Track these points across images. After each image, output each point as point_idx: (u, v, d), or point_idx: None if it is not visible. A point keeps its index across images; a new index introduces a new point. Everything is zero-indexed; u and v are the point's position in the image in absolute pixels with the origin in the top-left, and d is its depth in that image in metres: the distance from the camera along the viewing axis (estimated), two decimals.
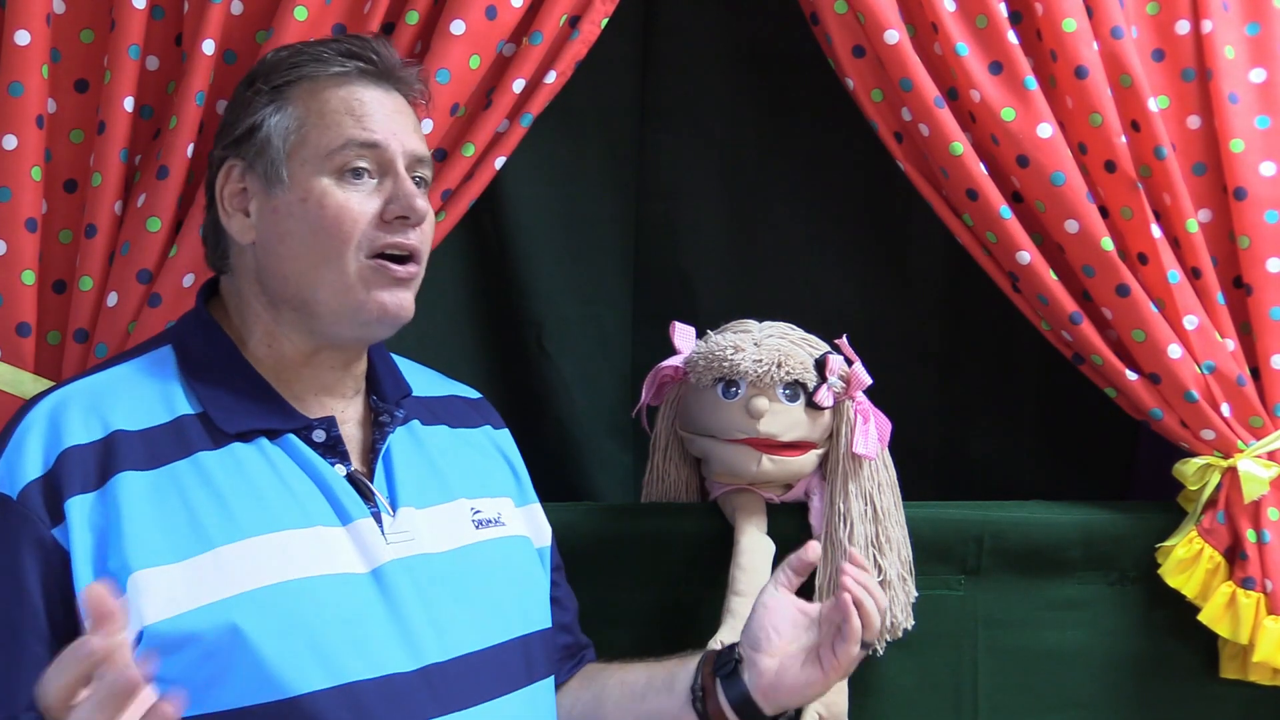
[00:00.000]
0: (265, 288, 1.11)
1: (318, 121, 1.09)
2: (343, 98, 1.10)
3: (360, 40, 1.15)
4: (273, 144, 1.09)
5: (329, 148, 1.08)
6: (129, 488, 1.00)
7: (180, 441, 1.04)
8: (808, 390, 1.47)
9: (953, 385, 1.90)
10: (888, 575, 1.47)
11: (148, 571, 0.97)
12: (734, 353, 1.46)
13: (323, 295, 1.08)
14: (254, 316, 1.12)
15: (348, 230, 1.07)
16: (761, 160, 1.85)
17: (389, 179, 1.10)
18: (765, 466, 1.48)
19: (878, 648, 1.49)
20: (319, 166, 1.08)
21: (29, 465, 0.99)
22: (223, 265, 1.15)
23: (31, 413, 1.04)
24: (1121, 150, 1.54)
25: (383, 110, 1.12)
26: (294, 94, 1.11)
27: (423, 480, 1.15)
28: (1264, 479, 1.57)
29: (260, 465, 1.06)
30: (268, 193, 1.09)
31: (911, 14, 1.56)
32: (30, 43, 1.33)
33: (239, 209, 1.11)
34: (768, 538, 1.50)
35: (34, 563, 0.97)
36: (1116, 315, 1.57)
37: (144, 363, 1.10)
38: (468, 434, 1.26)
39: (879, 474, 1.50)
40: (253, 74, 1.15)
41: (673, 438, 1.59)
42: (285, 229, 1.08)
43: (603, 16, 1.51)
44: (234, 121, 1.12)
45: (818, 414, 1.48)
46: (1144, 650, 1.64)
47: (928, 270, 1.87)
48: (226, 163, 1.12)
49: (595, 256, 1.83)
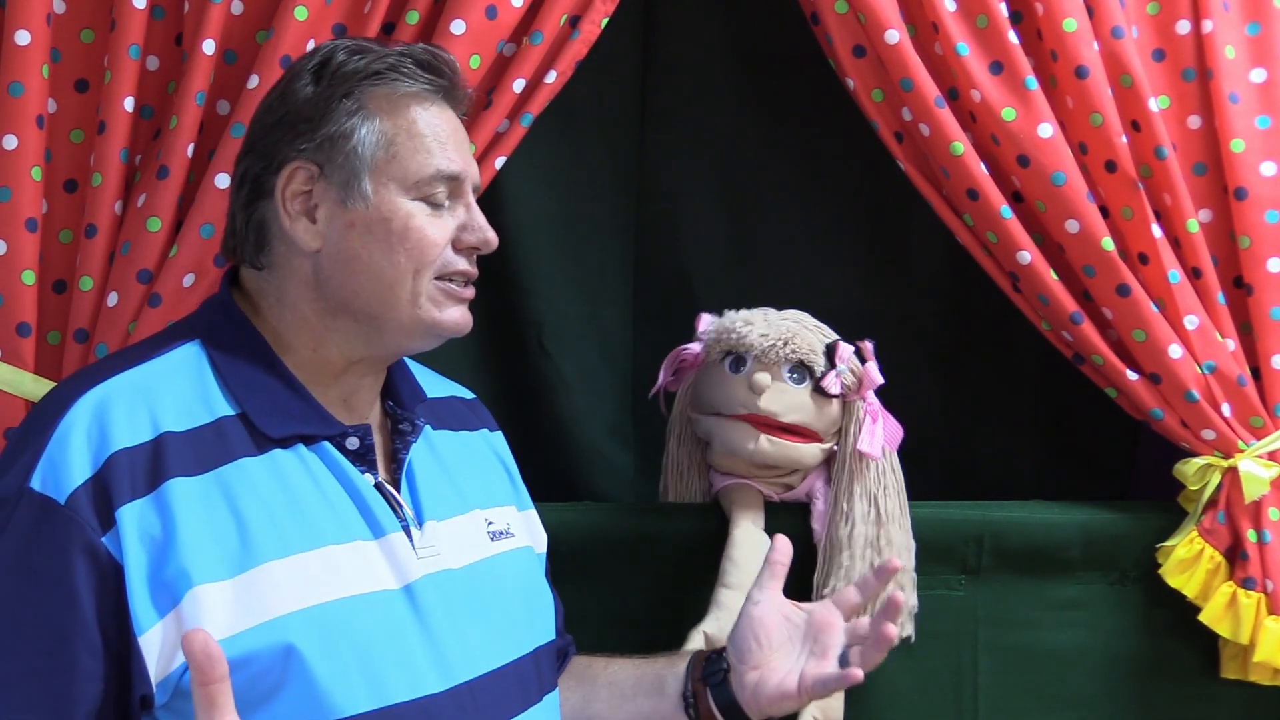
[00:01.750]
0: (325, 295, 1.08)
1: (408, 142, 1.07)
2: (429, 121, 1.09)
3: (433, 52, 1.12)
4: (359, 157, 1.06)
5: (419, 175, 1.07)
6: (181, 495, 0.97)
7: (223, 445, 1.01)
8: (814, 374, 1.47)
9: (953, 385, 1.90)
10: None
11: (205, 588, 0.95)
12: (744, 326, 1.48)
13: (395, 312, 1.07)
14: (299, 320, 1.09)
15: (429, 253, 1.07)
16: (761, 160, 1.85)
17: (460, 205, 1.10)
18: (762, 445, 1.47)
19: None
20: (405, 189, 1.07)
21: (75, 467, 0.95)
22: (257, 261, 1.10)
23: (74, 408, 0.99)
24: (1122, 150, 1.54)
25: (457, 135, 1.11)
26: (377, 105, 1.07)
27: (442, 491, 1.14)
28: (1264, 479, 1.57)
29: (300, 474, 1.04)
30: (344, 205, 1.06)
31: (912, 14, 1.56)
32: (30, 43, 1.33)
33: (303, 213, 1.07)
34: (762, 533, 1.50)
35: (85, 571, 0.94)
36: (1117, 315, 1.57)
37: (176, 359, 1.06)
38: (469, 438, 1.26)
39: (885, 477, 1.50)
40: (316, 69, 1.09)
41: (687, 423, 1.59)
42: (361, 245, 1.06)
43: (603, 16, 1.51)
44: (304, 121, 1.07)
45: (824, 402, 1.48)
46: (1144, 650, 1.64)
47: (928, 270, 1.87)
48: (291, 164, 1.07)
49: (595, 256, 1.83)
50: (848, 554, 1.47)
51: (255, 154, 1.09)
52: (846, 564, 1.46)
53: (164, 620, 0.95)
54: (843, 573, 1.46)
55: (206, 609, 0.95)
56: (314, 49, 1.12)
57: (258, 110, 1.12)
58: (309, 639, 0.97)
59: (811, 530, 1.53)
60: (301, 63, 1.11)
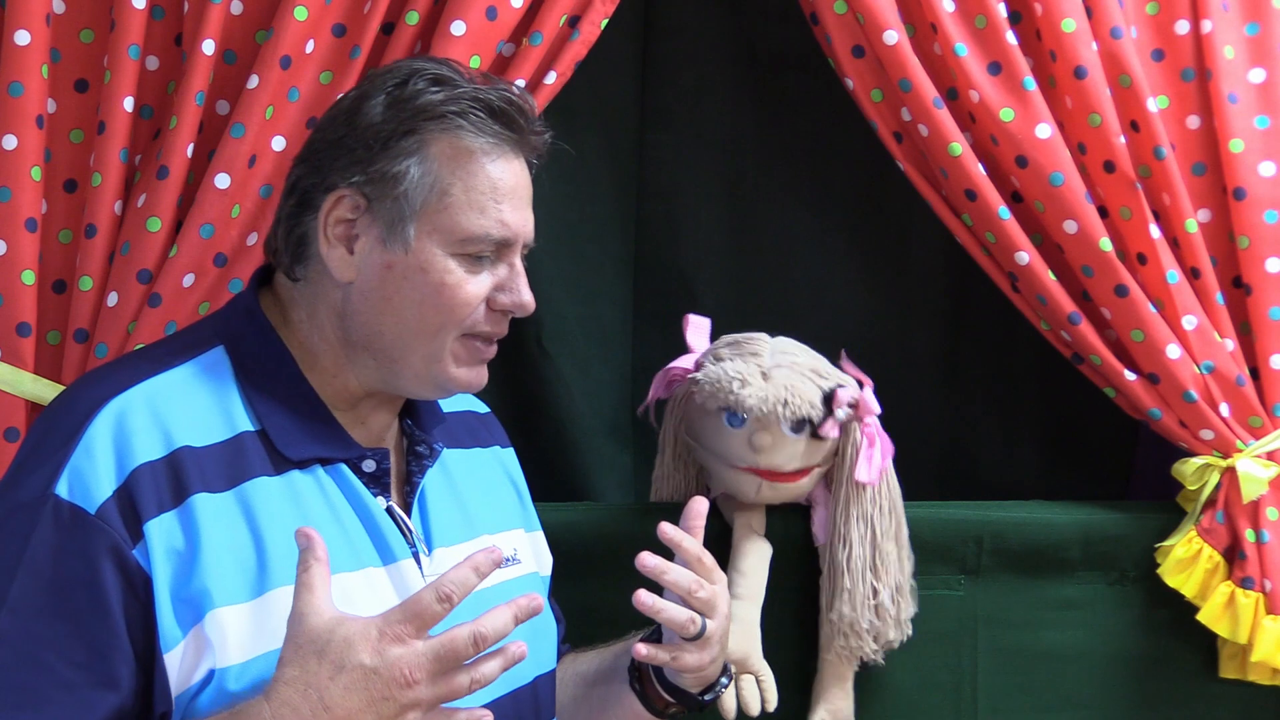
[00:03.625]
0: (348, 327, 1.06)
1: (462, 196, 1.03)
2: (490, 177, 1.04)
3: (510, 99, 1.07)
4: (408, 201, 1.03)
5: (466, 233, 1.03)
6: (205, 511, 0.97)
7: (242, 462, 1.00)
8: (813, 424, 1.46)
9: (953, 385, 1.90)
10: (880, 598, 1.47)
11: (225, 610, 0.95)
12: (740, 386, 1.43)
13: (412, 360, 1.06)
14: (324, 342, 1.07)
15: (460, 312, 1.05)
16: (761, 160, 1.85)
17: (504, 264, 1.07)
18: (765, 493, 1.49)
19: (877, 660, 1.50)
20: (448, 243, 1.03)
21: (103, 478, 0.95)
22: (293, 272, 1.08)
23: (99, 417, 0.97)
24: (1121, 150, 1.54)
25: (519, 194, 1.07)
26: (439, 150, 1.03)
27: (452, 517, 1.13)
28: (1263, 479, 1.57)
29: (316, 497, 1.03)
30: (384, 245, 1.03)
31: (911, 14, 1.56)
32: (30, 43, 1.33)
33: (341, 240, 1.04)
34: (765, 541, 1.51)
35: (116, 582, 0.93)
36: (1115, 315, 1.57)
37: (199, 367, 1.04)
38: (481, 455, 1.25)
39: (881, 496, 1.50)
40: (393, 92, 1.04)
41: (679, 437, 1.59)
42: (394, 290, 1.04)
43: (603, 17, 1.51)
44: (362, 148, 1.03)
45: (821, 443, 1.48)
46: (1144, 650, 1.65)
47: (928, 270, 1.87)
48: (339, 189, 1.03)
49: (595, 256, 1.83)
50: (847, 577, 1.48)
51: (310, 165, 1.06)
52: (848, 586, 1.48)
53: (185, 639, 0.95)
54: (846, 595, 1.48)
55: (226, 632, 0.95)
56: (398, 65, 1.09)
57: (326, 116, 1.09)
58: None
59: (811, 531, 1.53)
60: (380, 79, 1.06)
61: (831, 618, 1.48)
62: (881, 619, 1.48)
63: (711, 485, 1.58)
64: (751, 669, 1.44)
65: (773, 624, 1.49)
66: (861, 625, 1.47)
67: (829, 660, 1.52)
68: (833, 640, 1.49)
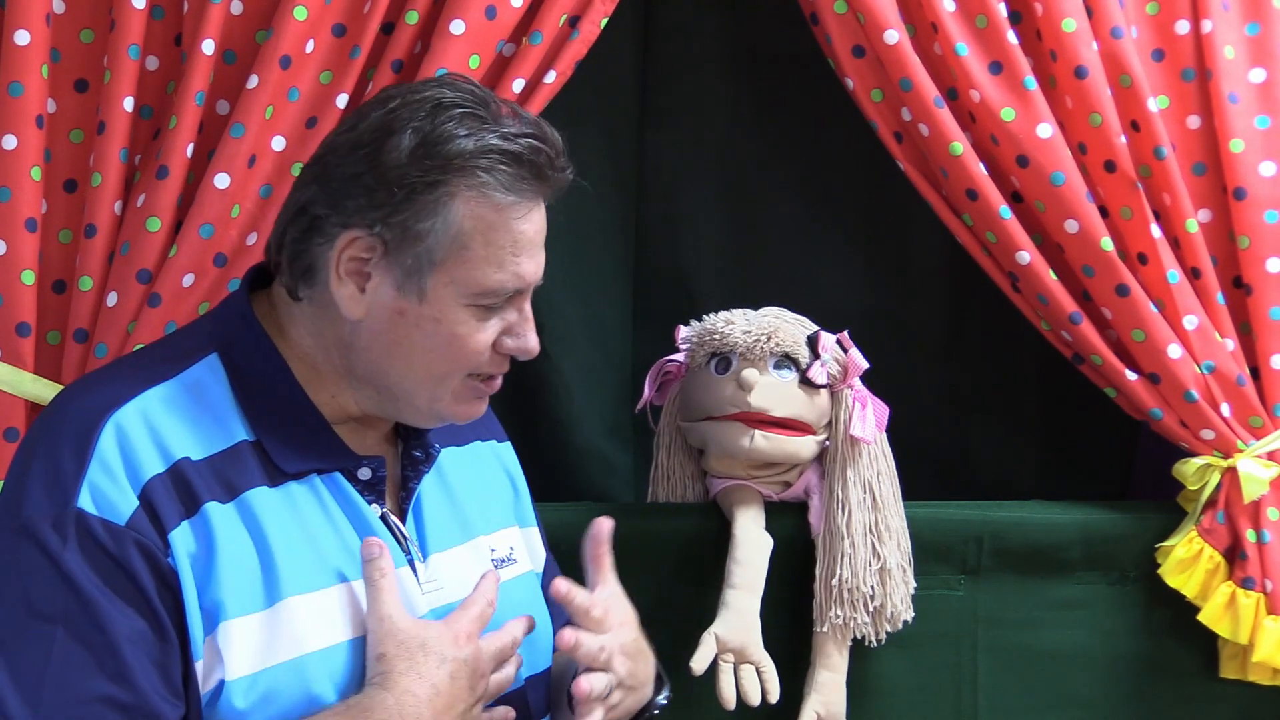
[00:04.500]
0: (353, 361, 1.05)
1: (482, 251, 1.01)
2: (513, 233, 1.03)
3: (538, 145, 1.04)
4: (427, 251, 1.00)
5: (483, 288, 1.02)
6: (217, 521, 0.97)
7: (241, 473, 1.00)
8: (800, 366, 1.47)
9: (953, 385, 1.90)
10: (887, 564, 1.47)
11: (235, 622, 0.96)
12: (725, 325, 1.49)
13: (415, 400, 1.06)
14: (328, 366, 1.06)
15: (470, 361, 1.05)
16: (761, 160, 1.85)
17: (514, 309, 1.06)
18: (758, 442, 1.47)
19: (879, 639, 1.49)
20: (463, 294, 1.02)
21: (125, 491, 0.95)
22: (296, 291, 1.06)
23: (103, 432, 0.96)
24: (1121, 150, 1.54)
25: (535, 241, 1.06)
26: (463, 203, 1.00)
27: (446, 521, 1.13)
28: (1264, 479, 1.57)
29: (314, 508, 1.03)
30: (398, 291, 1.02)
31: (911, 14, 1.56)
32: (30, 43, 1.33)
33: (353, 277, 1.02)
34: (765, 533, 1.50)
35: (159, 590, 0.94)
36: (1116, 315, 1.57)
37: (193, 378, 1.03)
38: (477, 450, 1.25)
39: (878, 463, 1.51)
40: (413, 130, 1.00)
41: (676, 433, 1.60)
42: (404, 335, 1.03)
43: (603, 16, 1.51)
44: (383, 192, 0.99)
45: (812, 393, 1.48)
46: (1144, 650, 1.65)
47: (928, 270, 1.87)
48: (357, 229, 1.00)
49: (595, 256, 1.83)
50: (847, 541, 1.47)
51: (325, 191, 1.02)
52: (848, 551, 1.47)
53: (205, 646, 0.96)
54: (845, 560, 1.47)
55: (234, 644, 0.95)
56: (427, 91, 1.03)
57: (342, 139, 1.03)
58: (326, 680, 0.98)
59: (810, 528, 1.53)
60: (408, 110, 1.01)
61: (832, 584, 1.47)
62: (885, 587, 1.47)
63: (709, 472, 1.58)
64: (751, 659, 1.44)
65: (772, 624, 1.48)
66: (864, 590, 1.46)
67: (822, 639, 1.50)
68: (826, 611, 1.48)
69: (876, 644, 1.51)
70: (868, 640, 1.50)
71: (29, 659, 0.91)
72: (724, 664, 1.43)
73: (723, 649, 1.43)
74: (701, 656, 1.41)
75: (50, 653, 0.91)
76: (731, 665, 1.43)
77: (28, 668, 0.91)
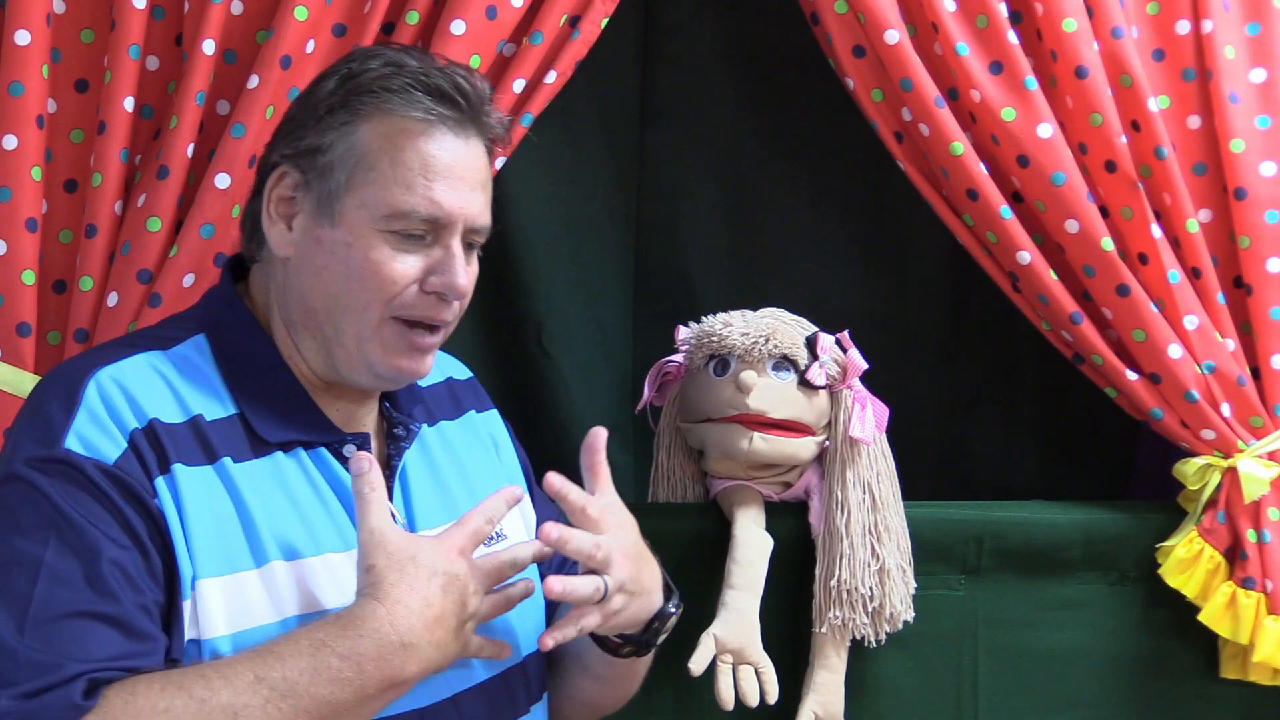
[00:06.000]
0: (287, 306, 1.07)
1: (388, 171, 1.03)
2: (420, 151, 1.03)
3: (453, 76, 1.06)
4: (334, 174, 1.03)
5: (391, 209, 1.03)
6: (185, 482, 0.98)
7: (220, 442, 1.01)
8: (799, 367, 1.47)
9: (953, 385, 1.90)
10: (886, 565, 1.47)
11: (210, 581, 0.96)
12: (724, 327, 1.49)
13: (343, 339, 1.06)
14: (277, 324, 1.09)
15: (386, 290, 1.04)
16: (761, 160, 1.85)
17: (440, 246, 1.06)
18: (756, 444, 1.47)
19: (878, 639, 1.49)
20: (374, 219, 1.03)
21: (111, 436, 0.96)
22: (252, 253, 1.11)
23: (88, 387, 0.98)
24: (1121, 150, 1.54)
25: (456, 174, 1.05)
26: (369, 123, 1.04)
27: (434, 498, 1.14)
28: (1264, 479, 1.57)
29: (300, 479, 1.04)
30: (315, 220, 1.04)
31: (911, 14, 1.56)
32: (30, 43, 1.33)
33: (282, 217, 1.06)
34: (765, 533, 1.50)
35: (145, 527, 0.95)
36: (1116, 315, 1.57)
37: (178, 354, 1.05)
38: (463, 424, 1.25)
39: (877, 463, 1.50)
40: (339, 74, 1.06)
41: (675, 434, 1.60)
42: (323, 264, 1.04)
43: (603, 16, 1.51)
44: (301, 124, 1.05)
45: (811, 394, 1.48)
46: (1144, 650, 1.64)
47: (928, 270, 1.88)
48: (279, 168, 1.06)
49: (595, 256, 1.83)
50: (846, 542, 1.47)
51: (270, 145, 1.09)
52: (847, 552, 1.47)
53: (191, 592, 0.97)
54: (844, 561, 1.47)
55: (212, 604, 0.96)
56: (370, 49, 1.10)
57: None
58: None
59: (810, 528, 1.53)
60: (345, 59, 1.09)
61: (831, 585, 1.47)
62: (884, 588, 1.47)
63: (708, 473, 1.58)
64: (750, 660, 1.44)
65: (772, 624, 1.48)
66: (862, 591, 1.46)
67: (821, 639, 1.50)
68: (825, 612, 1.48)
69: (876, 644, 1.50)
70: (867, 641, 1.50)
71: (16, 583, 0.91)
72: (723, 664, 1.43)
73: (721, 649, 1.43)
74: (700, 657, 1.41)
75: (37, 574, 0.91)
76: (730, 666, 1.43)
77: (15, 592, 0.91)
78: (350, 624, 0.94)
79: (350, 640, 0.93)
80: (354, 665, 0.93)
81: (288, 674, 0.91)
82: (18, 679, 0.87)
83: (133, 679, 0.90)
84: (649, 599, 1.12)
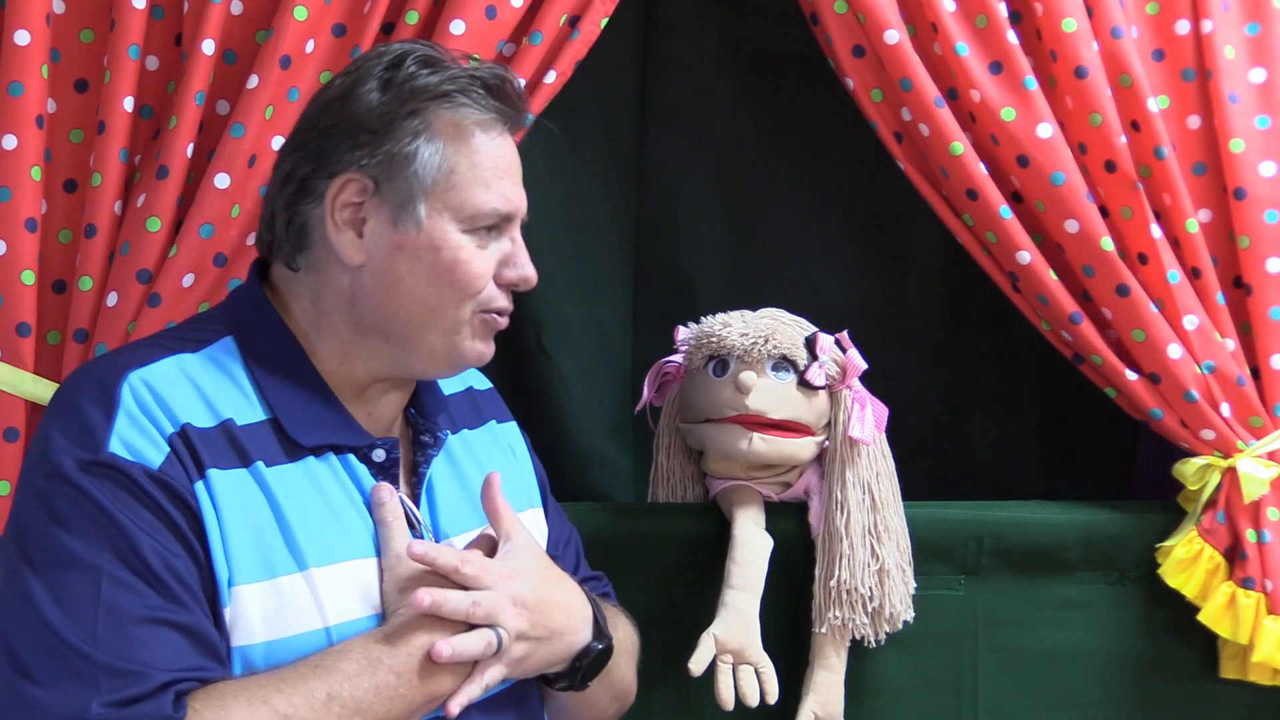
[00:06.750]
0: (359, 311, 1.06)
1: (469, 173, 1.05)
2: (492, 153, 1.07)
3: (503, 76, 1.09)
4: (413, 179, 1.04)
5: (475, 209, 1.05)
6: (221, 485, 0.98)
7: (254, 447, 1.01)
8: (798, 368, 1.47)
9: (953, 385, 1.90)
10: (886, 565, 1.47)
11: (246, 587, 0.96)
12: (723, 328, 1.49)
13: (429, 337, 1.07)
14: (330, 330, 1.08)
15: (475, 286, 1.06)
16: (761, 160, 1.85)
17: (506, 238, 1.09)
18: (756, 445, 1.47)
19: (878, 639, 1.49)
20: (458, 219, 1.05)
21: (155, 439, 0.96)
22: (294, 262, 1.08)
23: (124, 389, 0.98)
24: (1121, 150, 1.54)
25: (515, 168, 1.10)
26: (443, 128, 1.05)
27: (458, 505, 1.14)
28: (1264, 479, 1.57)
29: (333, 484, 1.04)
30: (394, 225, 1.04)
31: (911, 14, 1.56)
32: (30, 43, 1.33)
33: (350, 224, 1.05)
34: (765, 533, 1.50)
35: (190, 528, 0.95)
36: (1116, 315, 1.57)
37: (207, 357, 1.04)
38: (483, 434, 1.25)
39: (877, 463, 1.50)
40: (384, 77, 1.05)
41: (675, 434, 1.60)
42: (407, 269, 1.05)
43: (603, 16, 1.51)
44: (360, 130, 1.04)
45: (811, 394, 1.48)
46: (1144, 650, 1.64)
47: (928, 270, 1.87)
48: (345, 174, 1.04)
49: (595, 256, 1.83)
50: (846, 542, 1.47)
51: (306, 153, 1.06)
52: (847, 552, 1.46)
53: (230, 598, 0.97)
54: (844, 562, 1.46)
55: (248, 610, 0.96)
56: (382, 51, 1.09)
57: (312, 106, 1.09)
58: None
59: (810, 528, 1.53)
60: (369, 65, 1.07)
61: (830, 585, 1.47)
62: (884, 588, 1.47)
63: (708, 473, 1.58)
64: (750, 660, 1.44)
65: (772, 624, 1.48)
66: (862, 592, 1.46)
67: (821, 639, 1.50)
68: (825, 612, 1.47)
69: (876, 644, 1.50)
70: (867, 641, 1.50)
71: (76, 586, 0.91)
72: (723, 665, 1.43)
73: (721, 650, 1.43)
74: (700, 657, 1.41)
75: (99, 579, 0.91)
76: (730, 666, 1.43)
77: (77, 595, 0.90)
78: (400, 640, 0.97)
79: (402, 658, 0.97)
80: (407, 682, 0.97)
81: (356, 692, 0.94)
82: (99, 685, 0.87)
83: (215, 690, 0.91)
84: (565, 640, 1.09)
